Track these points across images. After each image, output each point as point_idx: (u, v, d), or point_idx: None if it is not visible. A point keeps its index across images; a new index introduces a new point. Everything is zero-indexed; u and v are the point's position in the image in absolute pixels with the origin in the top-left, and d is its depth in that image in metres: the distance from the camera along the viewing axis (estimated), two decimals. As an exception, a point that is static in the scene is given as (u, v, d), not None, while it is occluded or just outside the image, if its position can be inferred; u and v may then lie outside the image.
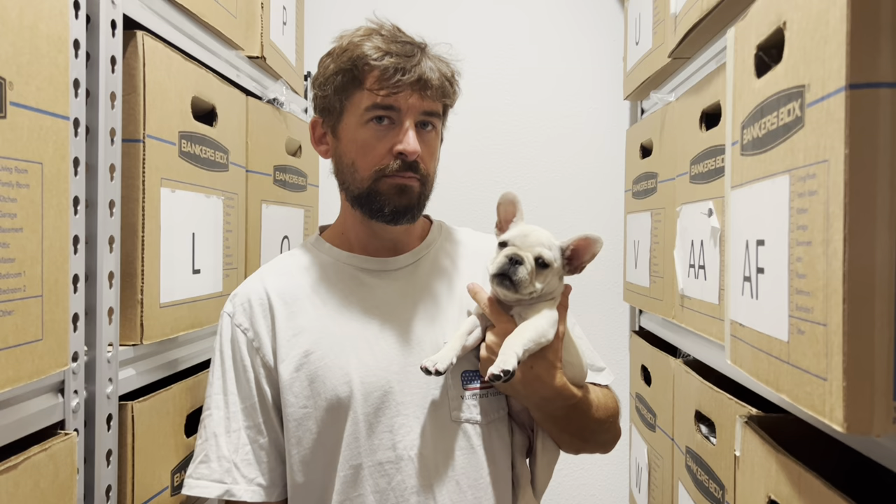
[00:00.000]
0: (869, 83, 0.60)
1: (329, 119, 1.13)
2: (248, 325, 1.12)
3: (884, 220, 0.60)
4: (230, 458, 1.07)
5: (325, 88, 1.10)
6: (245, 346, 1.11)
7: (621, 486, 2.21)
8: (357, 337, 1.09)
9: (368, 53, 1.06)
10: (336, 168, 1.14)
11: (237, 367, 1.11)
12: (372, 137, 1.07)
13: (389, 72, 1.05)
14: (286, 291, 1.13)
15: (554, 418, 1.11)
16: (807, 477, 0.76)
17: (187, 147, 1.19)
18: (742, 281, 0.89)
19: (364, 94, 1.07)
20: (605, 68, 2.24)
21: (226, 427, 1.09)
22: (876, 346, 0.60)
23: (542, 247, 1.04)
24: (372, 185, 1.08)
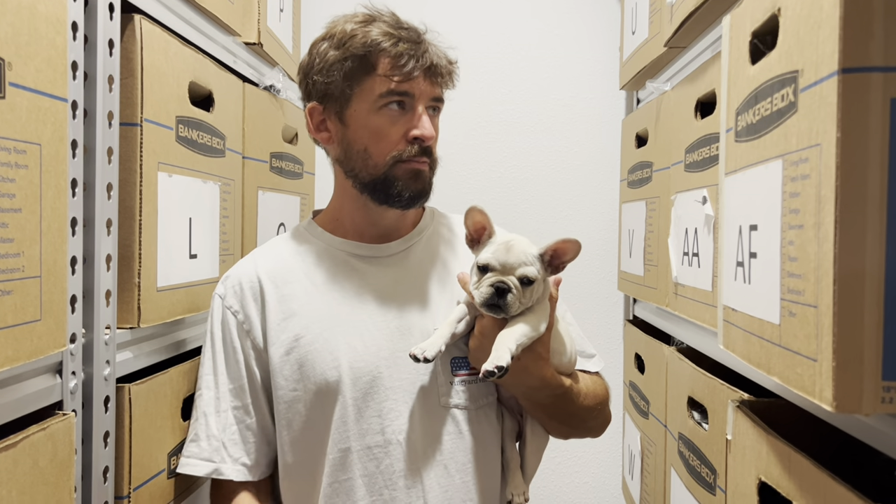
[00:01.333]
0: (861, 67, 0.61)
1: (333, 105, 1.11)
2: (239, 308, 1.13)
3: (874, 203, 0.61)
4: (219, 438, 1.11)
5: (330, 74, 1.09)
6: (235, 328, 1.13)
7: (614, 474, 2.23)
8: (347, 321, 1.10)
9: (380, 40, 1.06)
10: (344, 155, 1.13)
11: (227, 349, 1.14)
12: (386, 123, 1.08)
13: (404, 58, 1.06)
14: (277, 275, 1.13)
15: (542, 406, 1.13)
16: (796, 458, 0.78)
17: (184, 132, 1.19)
18: (735, 266, 0.90)
19: (377, 80, 1.07)
20: (602, 58, 2.25)
21: (215, 407, 1.12)
22: (865, 327, 0.61)
23: (524, 265, 1.02)
24: (388, 171, 1.09)
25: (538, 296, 1.06)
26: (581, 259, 2.22)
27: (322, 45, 1.12)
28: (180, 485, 1.18)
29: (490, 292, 1.01)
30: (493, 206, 2.24)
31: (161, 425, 1.12)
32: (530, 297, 1.03)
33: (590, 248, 2.24)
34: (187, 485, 1.21)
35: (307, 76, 1.14)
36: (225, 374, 1.13)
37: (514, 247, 1.04)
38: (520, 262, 1.02)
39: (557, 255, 1.07)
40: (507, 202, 2.26)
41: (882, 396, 0.61)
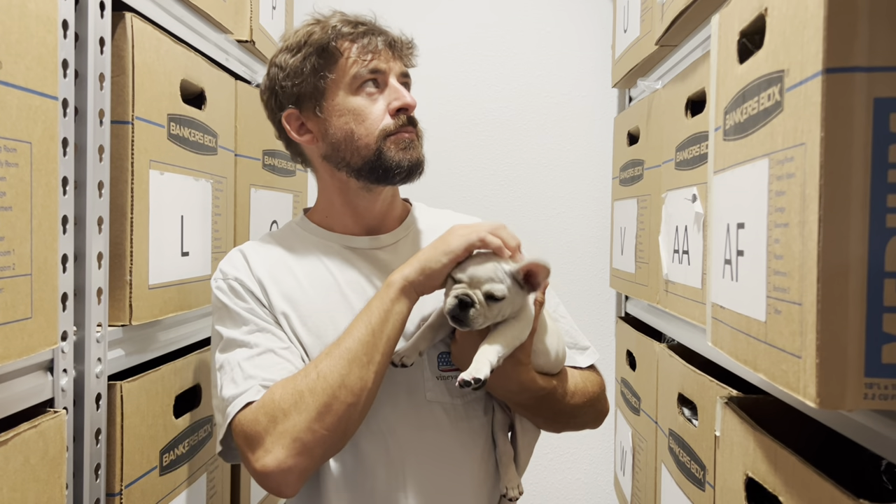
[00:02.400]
0: (845, 67, 0.62)
1: (308, 104, 1.12)
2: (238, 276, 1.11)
3: (857, 201, 0.62)
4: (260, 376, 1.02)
5: (298, 75, 1.11)
6: (242, 290, 1.09)
7: (606, 470, 2.24)
8: (337, 312, 1.09)
9: (339, 26, 1.09)
10: (331, 147, 1.12)
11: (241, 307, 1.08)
12: (366, 103, 1.10)
13: (366, 38, 1.10)
14: (274, 270, 1.12)
15: (524, 407, 1.14)
16: (782, 453, 0.78)
17: (176, 130, 1.19)
18: (723, 264, 0.90)
19: (347, 64, 1.09)
20: (594, 56, 2.25)
21: (247, 355, 1.04)
22: (849, 325, 0.62)
23: (492, 282, 0.99)
24: (379, 147, 1.10)
25: (509, 312, 1.03)
26: (574, 256, 2.24)
27: (279, 57, 1.14)
28: (173, 481, 1.19)
29: (454, 304, 0.99)
30: (486, 204, 2.25)
31: (153, 423, 1.12)
32: (498, 314, 1.01)
33: (582, 246, 2.25)
34: (180, 481, 1.21)
35: (273, 90, 1.15)
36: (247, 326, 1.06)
37: (484, 265, 1.01)
38: (488, 278, 1.00)
39: (530, 274, 1.03)
40: (500, 199, 2.26)
41: (865, 392, 0.62)
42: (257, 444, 0.96)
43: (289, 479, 0.96)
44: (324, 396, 0.96)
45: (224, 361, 1.04)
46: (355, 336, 1.00)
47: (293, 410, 0.96)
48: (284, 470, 0.95)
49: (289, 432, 0.95)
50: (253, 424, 0.96)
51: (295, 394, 0.97)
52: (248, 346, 1.04)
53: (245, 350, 1.04)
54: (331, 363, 0.99)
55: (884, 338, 0.62)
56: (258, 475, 0.97)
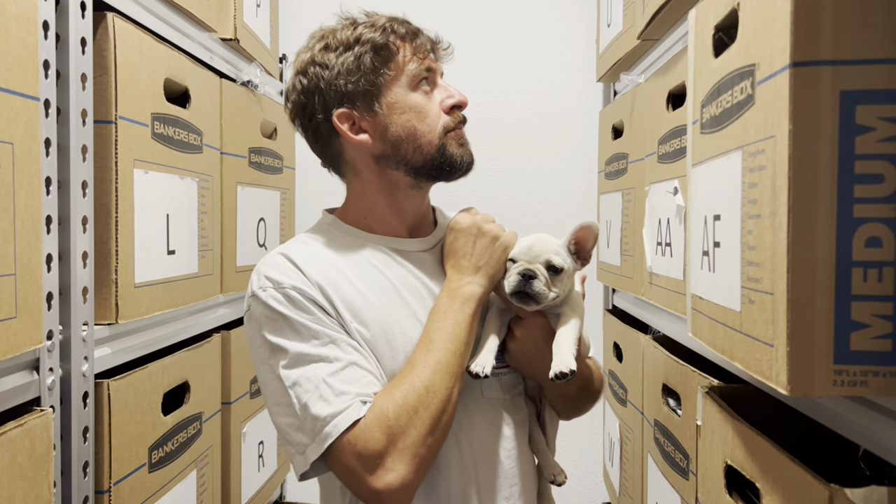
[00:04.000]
0: (811, 61, 0.63)
1: (363, 103, 1.08)
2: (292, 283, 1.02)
3: (825, 192, 0.63)
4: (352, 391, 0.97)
5: (353, 74, 1.06)
6: (309, 301, 1.01)
7: (595, 461, 2.26)
8: (401, 317, 1.07)
9: (393, 26, 1.09)
10: (390, 146, 1.09)
11: (309, 314, 1.00)
12: (424, 101, 1.10)
13: (418, 39, 1.10)
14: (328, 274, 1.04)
15: (567, 396, 1.17)
16: (759, 440, 0.80)
17: (160, 129, 1.20)
18: (701, 255, 0.92)
19: (403, 61, 1.09)
20: (579, 51, 2.26)
21: (331, 370, 0.97)
22: (817, 313, 0.63)
23: (550, 253, 1.06)
24: (441, 146, 1.10)
25: (568, 288, 1.09)
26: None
27: (321, 56, 1.09)
28: (162, 478, 1.20)
29: (517, 280, 1.05)
30: (474, 198, 2.26)
31: (141, 420, 1.13)
32: (561, 288, 1.06)
33: (570, 240, 2.26)
34: (169, 478, 1.22)
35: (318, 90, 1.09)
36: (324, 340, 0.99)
37: (539, 239, 1.09)
38: (544, 250, 1.06)
39: (581, 244, 1.10)
40: (488, 194, 2.27)
41: (834, 379, 0.63)
42: (377, 463, 0.94)
43: (409, 495, 0.96)
44: (436, 411, 0.97)
45: (299, 378, 0.97)
46: (449, 349, 1.01)
47: (410, 426, 0.95)
48: (407, 486, 0.95)
49: (409, 448, 0.95)
50: (370, 443, 0.94)
51: (409, 409, 0.96)
52: (326, 360, 0.98)
53: (325, 365, 0.97)
54: (435, 377, 0.99)
55: (852, 325, 0.63)
56: (378, 494, 0.94)
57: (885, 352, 0.63)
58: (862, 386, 0.63)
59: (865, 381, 0.63)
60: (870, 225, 0.62)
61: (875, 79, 0.62)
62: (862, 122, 0.62)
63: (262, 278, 1.02)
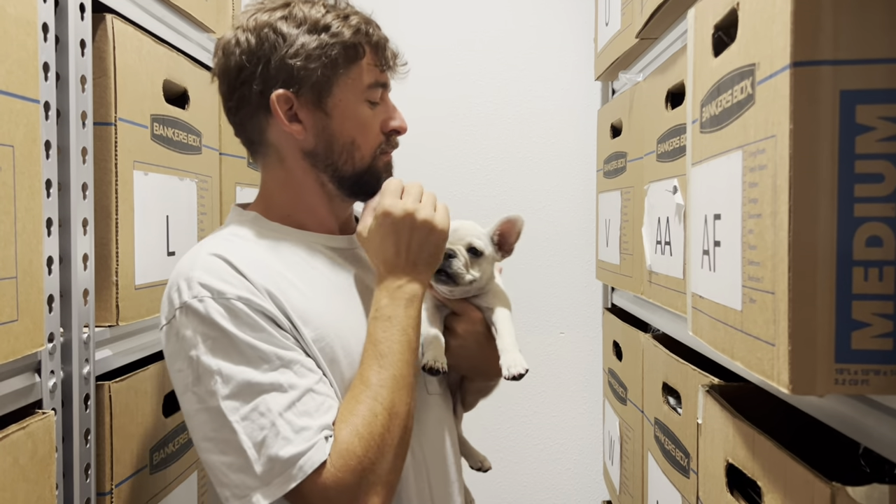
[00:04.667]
0: (811, 61, 0.63)
1: (308, 94, 1.00)
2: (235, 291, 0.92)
3: (826, 191, 0.63)
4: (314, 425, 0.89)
5: (311, 60, 0.98)
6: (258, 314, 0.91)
7: (595, 460, 2.26)
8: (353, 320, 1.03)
9: (364, 28, 1.03)
10: (324, 147, 1.03)
11: (257, 332, 0.90)
12: (370, 115, 1.05)
13: (383, 46, 1.05)
14: (271, 277, 0.96)
15: (487, 388, 1.22)
16: (760, 439, 0.80)
17: (160, 130, 1.20)
18: (701, 255, 0.92)
19: (364, 69, 1.03)
20: (577, 49, 2.26)
21: (286, 402, 0.89)
22: (818, 312, 0.63)
23: (472, 237, 1.08)
24: (371, 164, 1.06)
25: (487, 276, 1.11)
26: (560, 248, 2.26)
27: (280, 25, 0.99)
28: (163, 479, 1.20)
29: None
30: (473, 197, 2.26)
31: (142, 422, 1.13)
32: (479, 272, 1.08)
33: (568, 238, 2.26)
34: (170, 479, 1.22)
35: (265, 59, 0.99)
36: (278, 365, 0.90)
37: (464, 225, 1.11)
38: (467, 233, 1.08)
39: (505, 236, 1.13)
40: (486, 193, 2.27)
41: (836, 378, 0.64)
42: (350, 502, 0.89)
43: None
44: (400, 432, 0.94)
45: (249, 413, 0.87)
46: (403, 359, 0.95)
47: (379, 457, 0.91)
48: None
49: (380, 480, 0.91)
50: (342, 483, 0.88)
51: (376, 439, 0.90)
52: (280, 389, 0.88)
53: (279, 396, 0.88)
54: (395, 397, 0.93)
55: (853, 324, 0.63)
56: None
57: (886, 350, 0.63)
58: (863, 384, 0.63)
59: (867, 379, 0.63)
60: (870, 224, 0.63)
61: (875, 78, 0.62)
62: (862, 122, 0.62)
63: (197, 286, 0.91)
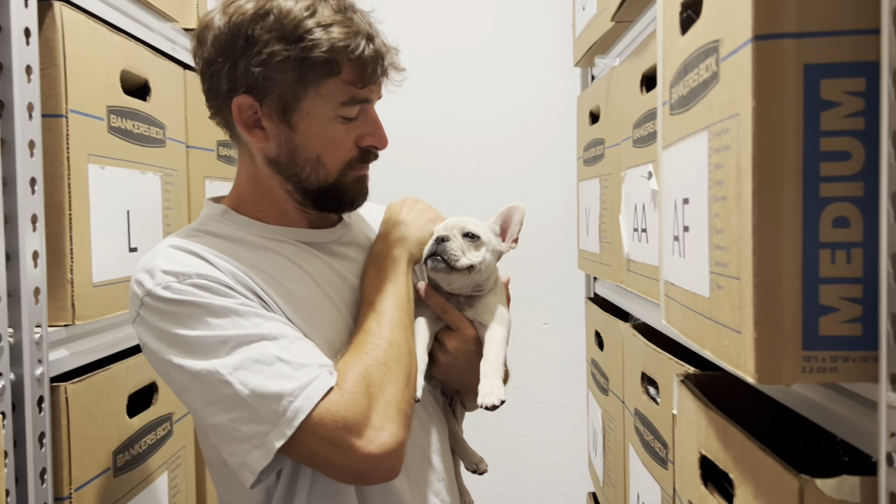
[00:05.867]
0: (774, 34, 0.60)
1: (274, 103, 0.95)
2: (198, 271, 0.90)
3: (790, 171, 0.60)
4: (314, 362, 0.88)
5: (277, 69, 0.92)
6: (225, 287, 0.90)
7: (581, 451, 2.24)
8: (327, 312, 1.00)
9: (346, 42, 0.93)
10: (287, 159, 0.98)
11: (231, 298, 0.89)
12: (342, 133, 0.98)
13: (371, 64, 0.96)
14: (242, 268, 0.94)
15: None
16: (731, 430, 0.77)
17: (117, 122, 1.16)
18: (672, 241, 0.89)
19: (340, 85, 0.95)
20: (556, 35, 2.23)
21: (281, 346, 0.87)
22: (784, 297, 0.61)
23: (466, 223, 1.06)
24: (338, 180, 1.01)
25: (489, 270, 1.07)
26: (542, 238, 2.23)
27: (255, 27, 0.92)
28: (129, 482, 1.17)
29: (431, 243, 1.04)
30: (453, 188, 2.23)
31: (104, 423, 1.10)
32: (477, 256, 1.04)
33: (551, 227, 2.24)
34: (137, 481, 1.19)
35: (230, 59, 0.94)
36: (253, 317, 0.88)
37: (463, 217, 1.09)
38: (463, 221, 1.07)
39: (506, 225, 1.10)
40: (467, 182, 2.24)
41: (803, 366, 0.61)
42: (364, 426, 0.85)
43: (402, 454, 0.89)
44: (405, 365, 0.94)
45: (243, 361, 0.85)
46: (397, 305, 0.98)
47: (387, 382, 0.90)
48: (401, 444, 0.88)
49: (393, 404, 0.89)
50: (353, 406, 0.86)
51: (381, 365, 0.90)
52: (271, 338, 0.87)
53: (271, 343, 0.86)
54: (395, 333, 0.95)
55: (821, 310, 0.60)
56: (373, 459, 0.85)
57: (855, 336, 0.60)
58: (832, 372, 0.61)
59: (835, 367, 0.61)
60: (837, 205, 0.60)
61: (840, 51, 0.59)
62: (827, 97, 0.59)
63: (160, 274, 0.89)
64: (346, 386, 0.87)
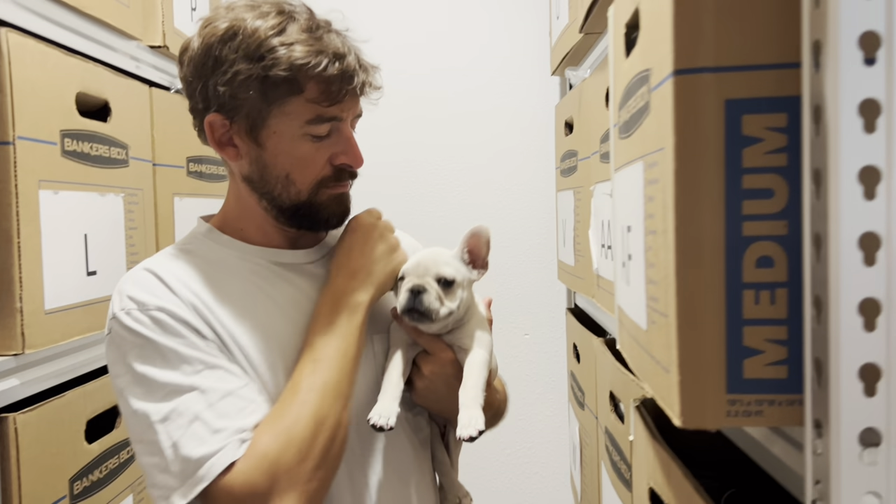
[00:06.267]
0: (693, 68, 0.58)
1: (243, 122, 0.96)
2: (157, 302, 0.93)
3: (712, 209, 0.58)
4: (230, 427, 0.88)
5: (242, 88, 0.93)
6: (180, 323, 0.92)
7: (563, 464, 2.22)
8: (287, 339, 0.99)
9: (308, 61, 0.93)
10: (259, 177, 0.99)
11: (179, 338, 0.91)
12: (311, 150, 0.97)
13: (336, 83, 0.95)
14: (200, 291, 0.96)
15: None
16: (673, 466, 0.76)
17: (72, 145, 1.15)
18: (621, 266, 0.87)
19: (304, 104, 0.95)
20: (537, 44, 2.21)
21: (204, 403, 0.88)
22: (707, 339, 0.59)
23: (440, 265, 1.00)
24: (310, 198, 1.00)
25: (465, 303, 1.03)
26: (525, 248, 2.21)
27: (223, 48, 0.94)
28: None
29: (407, 297, 0.98)
30: (431, 199, 2.21)
31: (59, 451, 1.09)
32: (455, 302, 1.00)
33: (534, 237, 2.22)
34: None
35: (202, 79, 0.96)
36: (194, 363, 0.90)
37: (429, 254, 1.03)
38: (434, 262, 1.00)
39: (474, 252, 1.04)
40: (447, 193, 2.23)
41: (728, 410, 0.59)
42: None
43: None
44: (325, 441, 0.90)
45: (170, 413, 0.87)
46: (338, 367, 0.93)
47: (296, 461, 0.87)
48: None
49: (297, 485, 0.87)
50: (249, 486, 0.85)
51: (295, 443, 0.88)
52: (200, 390, 0.88)
53: (199, 396, 0.88)
54: (324, 403, 0.91)
55: (745, 352, 0.59)
56: None
57: (781, 379, 0.58)
58: (757, 416, 0.59)
59: (760, 410, 0.59)
60: (760, 244, 0.58)
61: (762, 86, 0.57)
62: (749, 133, 0.58)
63: (125, 298, 0.93)
64: (251, 462, 0.86)
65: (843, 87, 0.51)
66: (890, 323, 0.52)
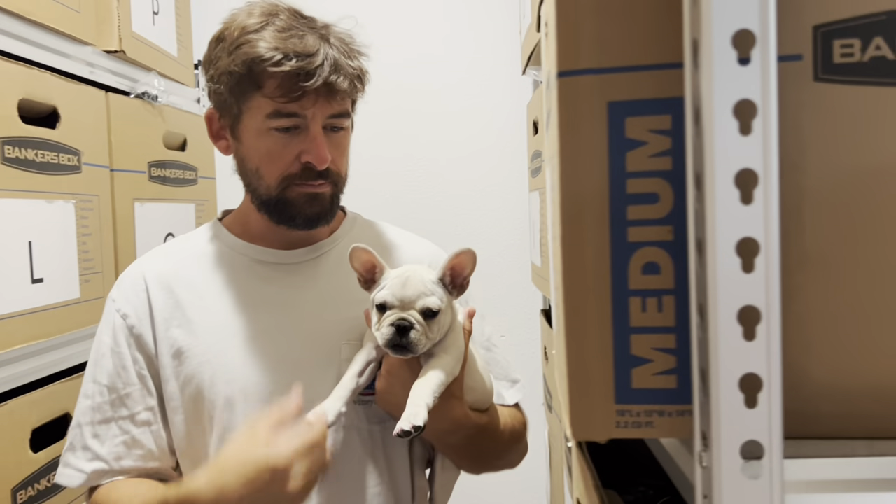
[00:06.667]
0: (574, 70, 0.57)
1: (226, 117, 1.03)
2: (130, 311, 1.03)
3: (596, 215, 0.57)
4: (94, 451, 0.99)
5: (220, 83, 0.99)
6: (124, 334, 1.02)
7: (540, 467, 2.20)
8: (242, 332, 1.00)
9: (264, 56, 0.94)
10: (239, 169, 1.06)
11: (113, 357, 1.02)
12: (276, 145, 0.98)
13: (291, 79, 0.95)
14: (169, 279, 1.04)
15: (453, 447, 1.05)
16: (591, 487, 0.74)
17: (14, 153, 1.14)
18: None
19: (263, 99, 0.97)
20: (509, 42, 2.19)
21: (91, 418, 1.00)
22: (593, 349, 0.57)
23: (424, 296, 0.93)
24: (280, 194, 1.00)
25: (447, 327, 0.97)
26: (499, 249, 2.19)
27: (216, 46, 1.01)
28: None
29: (391, 332, 0.91)
30: (403, 200, 2.20)
31: (1, 461, 1.08)
32: (438, 330, 0.94)
33: (508, 237, 2.20)
34: None
35: (205, 76, 1.05)
36: (106, 382, 1.01)
37: (411, 278, 0.94)
38: (419, 294, 0.93)
39: (456, 272, 0.96)
40: (419, 194, 2.21)
41: (617, 421, 0.58)
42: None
43: None
44: None
45: (85, 392, 1.02)
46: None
47: None
48: None
49: None
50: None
51: None
52: (103, 399, 1.01)
53: (99, 402, 1.01)
54: None
55: (633, 361, 0.57)
56: None
57: (670, 389, 0.57)
58: (647, 427, 0.57)
59: (651, 421, 0.57)
60: (646, 249, 0.56)
61: (644, 87, 0.56)
62: (632, 136, 0.56)
63: (115, 288, 1.06)
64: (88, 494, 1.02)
65: (717, 87, 0.50)
66: (770, 331, 0.51)
